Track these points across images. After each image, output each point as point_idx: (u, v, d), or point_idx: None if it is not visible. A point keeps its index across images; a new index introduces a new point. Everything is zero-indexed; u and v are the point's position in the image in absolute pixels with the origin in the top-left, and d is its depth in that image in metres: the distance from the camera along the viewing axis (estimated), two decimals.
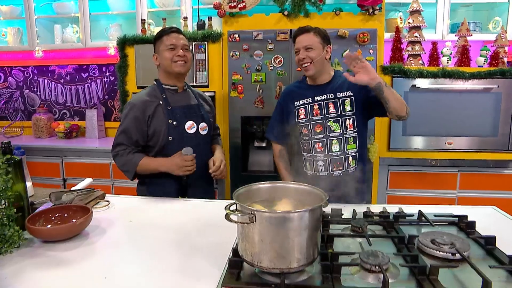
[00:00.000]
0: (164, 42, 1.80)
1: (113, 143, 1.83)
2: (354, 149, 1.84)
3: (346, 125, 1.81)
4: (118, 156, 1.81)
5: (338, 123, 1.82)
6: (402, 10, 3.04)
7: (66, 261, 1.11)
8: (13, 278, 1.01)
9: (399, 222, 1.31)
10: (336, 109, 1.82)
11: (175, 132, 1.79)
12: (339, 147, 1.82)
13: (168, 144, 1.79)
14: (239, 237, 0.96)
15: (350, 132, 1.82)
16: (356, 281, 0.95)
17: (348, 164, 1.84)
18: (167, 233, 1.30)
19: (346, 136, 1.82)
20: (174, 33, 1.82)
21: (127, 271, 1.05)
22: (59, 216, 1.33)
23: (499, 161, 2.68)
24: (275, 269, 0.91)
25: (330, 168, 1.84)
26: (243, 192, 1.02)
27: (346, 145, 1.82)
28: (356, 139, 1.84)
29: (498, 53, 2.60)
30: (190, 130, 1.83)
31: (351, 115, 1.82)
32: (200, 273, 1.02)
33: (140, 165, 1.77)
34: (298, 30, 1.87)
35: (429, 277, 0.94)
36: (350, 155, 1.83)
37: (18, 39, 3.57)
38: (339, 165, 1.83)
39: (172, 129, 1.79)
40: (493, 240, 1.12)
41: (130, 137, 1.79)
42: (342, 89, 1.83)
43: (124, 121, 1.80)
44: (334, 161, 1.83)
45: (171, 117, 1.79)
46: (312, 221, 0.90)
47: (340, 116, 1.82)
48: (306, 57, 1.80)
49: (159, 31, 1.86)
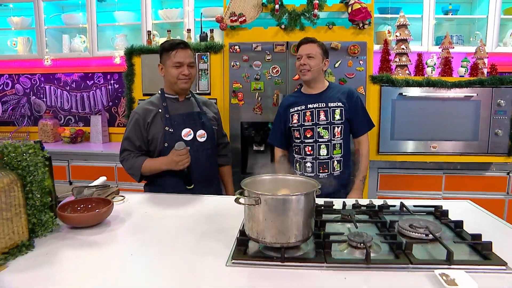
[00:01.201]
0: (171, 58, 1.89)
1: (120, 149, 1.98)
2: (339, 154, 2.04)
3: (334, 132, 2.02)
4: (124, 161, 1.96)
5: (327, 130, 2.02)
6: (390, 23, 3.27)
7: (94, 243, 1.28)
8: (52, 255, 1.17)
9: (383, 211, 1.50)
10: (326, 117, 2.02)
11: (170, 139, 1.89)
12: (326, 152, 2.03)
13: (164, 150, 1.90)
14: (246, 218, 1.14)
15: (337, 139, 2.03)
16: (344, 256, 1.14)
17: (333, 168, 2.04)
18: (179, 222, 1.47)
19: (333, 142, 2.03)
20: (182, 50, 1.90)
21: (150, 251, 1.22)
22: (83, 206, 1.50)
23: (480, 164, 2.89)
24: (277, 243, 1.09)
25: (317, 170, 2.04)
26: (249, 181, 1.21)
27: (333, 151, 2.03)
28: (341, 145, 2.05)
29: (478, 64, 2.82)
30: (186, 137, 1.92)
31: (340, 124, 2.03)
32: (212, 251, 1.19)
33: (144, 167, 1.90)
34: (304, 39, 2.08)
35: (405, 251, 1.13)
36: (335, 160, 2.04)
37: (27, 48, 3.75)
38: (325, 168, 2.04)
39: (168, 135, 1.90)
40: (461, 223, 1.31)
41: (133, 143, 1.94)
42: (334, 100, 2.04)
43: (127, 128, 1.96)
44: (321, 164, 2.04)
45: (168, 124, 1.91)
46: (307, 204, 1.09)
47: (329, 124, 2.02)
48: (306, 64, 2.01)
49: (167, 44, 1.93)
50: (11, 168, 1.20)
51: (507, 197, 2.92)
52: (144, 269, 1.09)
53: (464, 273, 0.99)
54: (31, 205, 1.24)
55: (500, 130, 2.75)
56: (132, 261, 1.15)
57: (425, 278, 1.01)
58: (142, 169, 1.91)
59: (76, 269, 1.09)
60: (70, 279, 1.04)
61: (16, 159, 1.21)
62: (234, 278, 1.04)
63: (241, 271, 1.07)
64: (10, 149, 1.21)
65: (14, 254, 1.13)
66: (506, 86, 2.72)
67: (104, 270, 1.09)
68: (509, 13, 3.17)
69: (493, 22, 3.07)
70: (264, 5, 2.85)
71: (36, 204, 1.26)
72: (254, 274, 1.06)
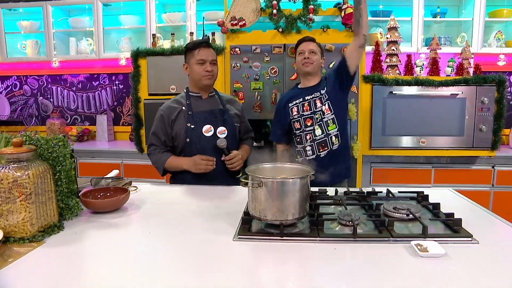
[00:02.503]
0: (195, 56, 2.02)
1: (147, 144, 2.16)
2: (335, 129, 2.19)
3: (323, 110, 2.18)
4: (150, 155, 2.13)
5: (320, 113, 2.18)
6: (382, 26, 3.45)
7: (115, 225, 1.45)
8: (80, 234, 1.35)
9: (371, 197, 1.68)
10: (321, 103, 2.19)
11: (192, 135, 2.03)
12: (321, 131, 2.19)
13: (186, 145, 2.04)
14: (250, 199, 1.32)
15: (328, 115, 2.18)
16: (335, 231, 1.31)
17: (332, 143, 2.18)
18: (189, 207, 1.64)
19: (325, 120, 2.18)
20: (204, 48, 2.03)
21: (165, 231, 1.39)
22: (103, 194, 1.67)
23: (467, 158, 3.08)
24: (276, 220, 1.27)
25: (317, 150, 2.19)
26: (253, 168, 1.39)
27: (327, 127, 2.19)
28: (334, 120, 2.18)
29: (463, 64, 3.01)
30: (207, 133, 2.04)
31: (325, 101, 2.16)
32: (220, 230, 1.36)
33: (167, 163, 2.06)
34: (306, 37, 2.27)
35: (387, 227, 1.31)
36: (332, 135, 2.19)
37: (36, 50, 3.92)
38: (324, 146, 2.19)
39: (189, 131, 2.03)
40: (438, 205, 1.49)
41: (158, 138, 2.10)
42: (324, 87, 2.22)
43: (154, 125, 2.12)
44: (319, 144, 2.19)
45: (190, 121, 2.04)
46: (302, 186, 1.27)
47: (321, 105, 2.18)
48: (310, 58, 2.20)
49: (191, 44, 2.09)
50: (43, 158, 1.37)
51: (492, 188, 3.11)
52: (162, 245, 1.27)
53: (435, 243, 1.17)
54: (60, 192, 1.42)
55: (484, 126, 2.94)
56: (150, 239, 1.32)
57: (403, 249, 1.19)
58: (165, 165, 2.07)
59: (102, 245, 1.27)
60: (99, 252, 1.21)
61: (47, 151, 1.38)
62: (240, 250, 1.21)
63: (245, 244, 1.25)
64: (42, 142, 1.38)
65: (49, 232, 1.30)
66: (489, 85, 2.91)
67: (126, 246, 1.26)
68: (493, 16, 3.36)
69: (478, 24, 3.25)
70: (262, 9, 3.03)
71: (64, 190, 1.43)
72: (257, 247, 1.23)
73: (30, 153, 1.26)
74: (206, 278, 1.03)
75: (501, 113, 2.93)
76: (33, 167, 1.26)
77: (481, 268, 1.07)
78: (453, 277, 1.02)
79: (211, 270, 1.08)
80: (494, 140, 2.95)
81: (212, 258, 1.17)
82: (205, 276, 1.05)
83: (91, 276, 1.07)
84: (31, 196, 1.24)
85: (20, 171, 1.22)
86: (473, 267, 1.08)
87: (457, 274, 1.03)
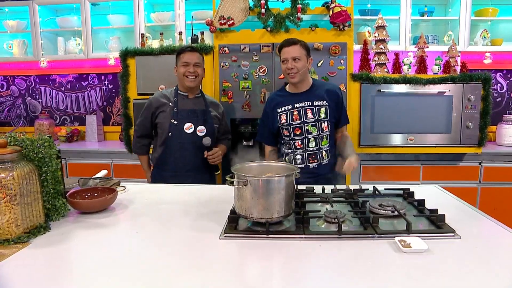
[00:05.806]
0: (181, 59, 2.26)
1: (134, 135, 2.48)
2: (326, 145, 2.21)
3: (322, 127, 2.18)
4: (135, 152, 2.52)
5: (316, 126, 2.18)
6: (370, 25, 3.48)
7: (103, 224, 1.45)
8: (67, 234, 1.34)
9: (357, 194, 1.70)
10: (313, 115, 2.16)
11: (174, 130, 2.26)
12: (315, 144, 2.19)
13: (168, 138, 2.27)
14: (236, 198, 1.33)
15: (325, 132, 2.19)
16: (320, 229, 1.33)
17: (322, 158, 2.21)
18: (176, 206, 1.65)
19: (321, 135, 2.19)
20: (189, 52, 2.26)
21: (152, 230, 1.39)
22: (90, 195, 1.67)
23: (454, 155, 3.12)
24: (262, 218, 1.28)
25: (307, 161, 2.20)
26: (239, 167, 1.39)
27: (321, 142, 2.20)
28: (328, 137, 2.21)
29: (450, 62, 3.04)
30: (188, 130, 2.27)
31: (326, 119, 2.18)
32: (207, 229, 1.37)
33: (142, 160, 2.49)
34: (286, 41, 2.12)
35: (372, 224, 1.32)
36: (323, 150, 2.21)
37: (23, 50, 3.87)
38: (314, 159, 2.20)
39: (172, 127, 2.26)
40: (423, 202, 1.52)
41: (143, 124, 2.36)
42: (319, 98, 2.18)
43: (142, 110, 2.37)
44: (310, 155, 2.20)
45: (174, 117, 2.27)
46: (287, 184, 1.28)
47: (317, 121, 2.17)
48: (294, 67, 2.08)
49: (180, 49, 2.30)
50: (29, 159, 1.37)
51: (479, 185, 3.16)
52: (148, 243, 1.27)
53: (418, 238, 1.19)
54: (46, 192, 1.41)
55: (471, 123, 2.98)
56: (137, 238, 1.32)
57: (387, 245, 1.21)
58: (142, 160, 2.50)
59: (89, 245, 1.27)
60: (85, 252, 1.21)
61: (33, 152, 1.37)
62: (226, 249, 1.22)
63: (232, 242, 1.26)
64: (27, 143, 1.37)
65: (34, 233, 1.30)
66: (475, 83, 2.95)
67: (113, 245, 1.26)
68: (479, 15, 3.40)
69: (464, 23, 3.29)
70: (251, 9, 3.03)
71: (50, 191, 1.42)
72: (243, 245, 1.24)
73: (14, 154, 1.26)
74: (193, 277, 1.04)
75: (487, 110, 2.97)
76: (17, 168, 1.25)
77: (462, 262, 1.10)
78: (434, 271, 1.04)
79: (198, 269, 1.08)
80: (480, 137, 2.99)
81: (198, 256, 1.17)
82: (192, 274, 1.05)
83: (77, 277, 1.07)
84: (16, 197, 1.24)
85: (5, 172, 1.22)
86: (455, 261, 1.10)
87: (439, 269, 1.05)
